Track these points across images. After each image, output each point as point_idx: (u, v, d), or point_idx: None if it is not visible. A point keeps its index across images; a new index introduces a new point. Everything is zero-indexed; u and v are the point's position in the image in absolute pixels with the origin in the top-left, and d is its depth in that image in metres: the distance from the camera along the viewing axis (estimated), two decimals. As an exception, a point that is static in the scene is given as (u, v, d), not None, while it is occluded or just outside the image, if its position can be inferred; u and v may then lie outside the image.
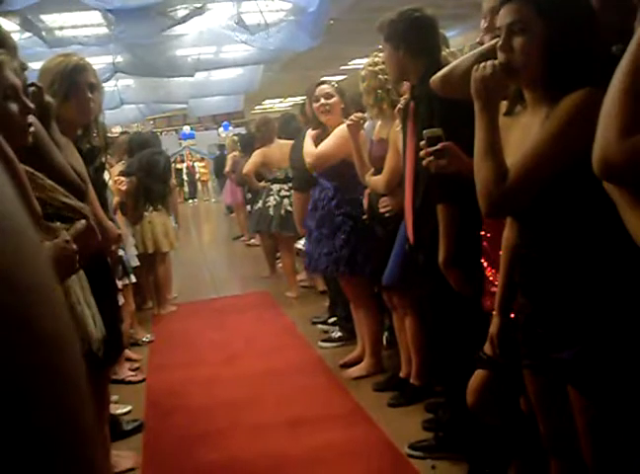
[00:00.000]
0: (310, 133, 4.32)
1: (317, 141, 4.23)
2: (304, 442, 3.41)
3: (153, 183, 5.51)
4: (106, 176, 3.16)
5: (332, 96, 4.16)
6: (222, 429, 3.68)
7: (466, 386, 2.37)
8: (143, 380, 4.59)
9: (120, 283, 4.27)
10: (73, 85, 2.72)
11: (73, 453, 0.39)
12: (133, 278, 4.67)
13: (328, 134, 4.18)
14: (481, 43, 2.44)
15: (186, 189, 22.54)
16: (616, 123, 1.29)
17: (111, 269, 2.79)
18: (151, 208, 5.62)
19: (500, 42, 1.81)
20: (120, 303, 4.22)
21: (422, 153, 2.32)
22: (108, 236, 2.57)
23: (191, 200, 21.88)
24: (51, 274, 0.43)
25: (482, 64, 1.85)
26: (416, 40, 2.87)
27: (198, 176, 22.52)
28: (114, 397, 4.12)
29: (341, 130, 3.98)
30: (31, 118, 1.94)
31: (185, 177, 22.50)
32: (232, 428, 3.69)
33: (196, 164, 22.59)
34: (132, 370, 4.72)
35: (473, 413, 2.39)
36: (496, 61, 1.84)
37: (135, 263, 5.15)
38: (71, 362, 0.41)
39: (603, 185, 1.41)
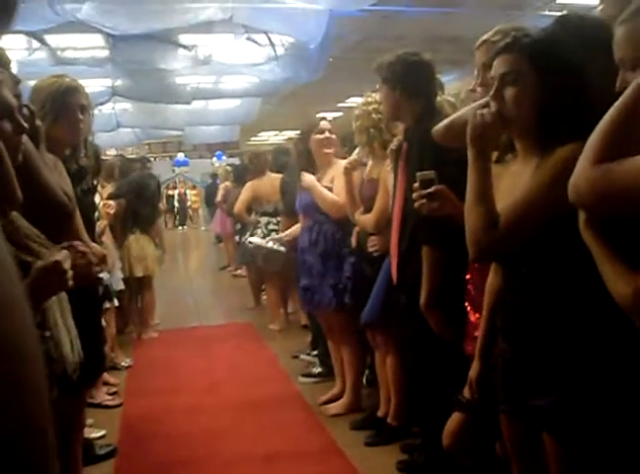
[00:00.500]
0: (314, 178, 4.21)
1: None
2: (278, 477, 3.38)
3: (142, 206, 5.53)
4: (96, 198, 3.18)
5: (333, 131, 4.21)
6: (197, 458, 3.65)
7: (443, 429, 2.37)
8: (120, 405, 4.55)
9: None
10: (64, 106, 2.76)
11: (31, 459, 0.40)
12: (116, 302, 4.65)
13: (322, 174, 4.18)
14: (474, 91, 2.49)
15: (176, 215, 22.56)
16: (592, 151, 1.32)
17: (96, 291, 2.79)
18: (138, 232, 5.62)
19: (492, 92, 1.85)
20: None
21: (414, 195, 2.35)
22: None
23: (180, 228, 21.88)
24: (18, 288, 0.45)
25: (480, 112, 1.89)
26: (413, 83, 2.92)
27: (189, 203, 22.56)
28: (89, 421, 4.07)
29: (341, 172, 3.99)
30: (23, 138, 1.96)
31: (176, 203, 22.54)
32: (207, 458, 3.65)
33: (188, 191, 22.64)
34: (110, 394, 4.69)
35: (449, 455, 2.39)
36: (491, 110, 1.88)
37: (120, 286, 5.14)
38: (34, 374, 0.43)
39: (582, 236, 1.44)
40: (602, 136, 1.29)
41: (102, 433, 3.98)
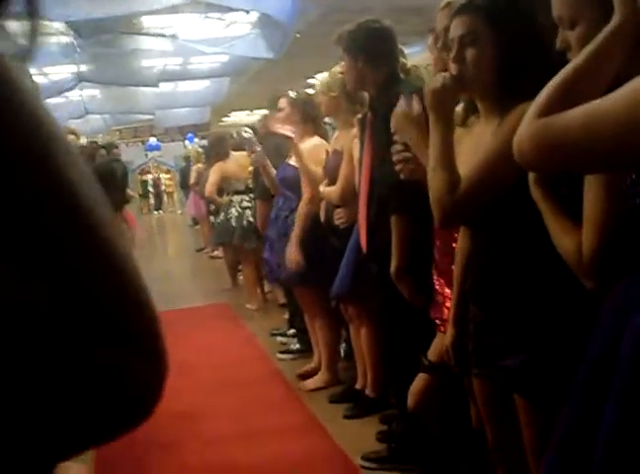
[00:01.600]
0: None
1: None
2: (257, 454, 3.38)
3: (111, 192, 5.46)
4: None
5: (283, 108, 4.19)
6: (176, 439, 3.64)
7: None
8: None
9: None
10: None
11: None
12: None
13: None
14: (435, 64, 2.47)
15: (151, 200, 22.38)
16: (537, 105, 1.24)
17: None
18: None
19: (452, 54, 1.83)
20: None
21: (396, 158, 2.31)
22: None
23: (156, 212, 21.71)
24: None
25: (436, 76, 1.87)
26: (374, 51, 2.89)
27: (163, 187, 22.39)
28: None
29: (308, 150, 3.98)
30: None
31: (150, 188, 22.35)
32: (185, 439, 3.64)
33: (161, 175, 22.45)
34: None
35: (414, 416, 2.39)
36: (446, 74, 1.87)
37: None
38: None
39: (531, 194, 1.43)
40: (550, 91, 1.24)
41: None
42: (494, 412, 2.07)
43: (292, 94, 4.25)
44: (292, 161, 4.13)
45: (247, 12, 8.79)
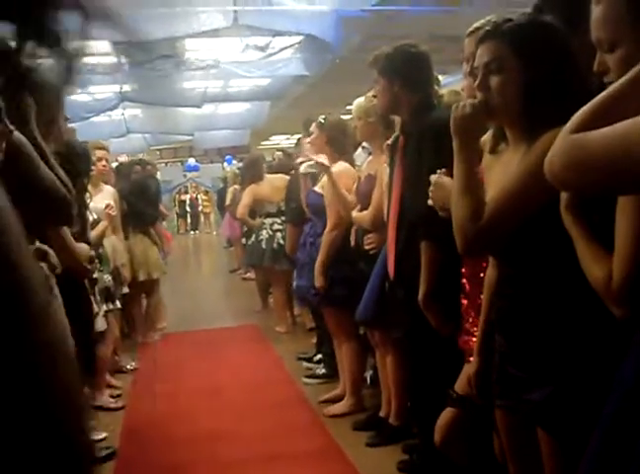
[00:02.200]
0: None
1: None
2: (278, 479, 3.35)
3: (143, 207, 5.52)
4: (87, 198, 3.17)
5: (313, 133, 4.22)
6: (197, 461, 3.63)
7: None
8: (122, 408, 4.54)
9: (104, 308, 4.25)
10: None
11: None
12: (118, 304, 4.63)
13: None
14: (463, 90, 2.45)
15: (189, 220, 22.63)
16: (571, 123, 1.23)
17: (85, 291, 2.77)
18: (139, 233, 5.63)
19: (477, 82, 1.82)
20: (103, 328, 4.20)
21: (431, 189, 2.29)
22: (79, 259, 2.55)
23: (192, 232, 21.93)
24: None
25: (461, 103, 1.85)
26: (411, 75, 2.86)
27: (200, 208, 22.62)
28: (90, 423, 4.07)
29: (337, 174, 4.00)
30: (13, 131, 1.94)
31: (188, 208, 22.60)
32: (208, 461, 3.63)
33: (199, 196, 22.69)
34: (113, 397, 4.67)
35: (440, 450, 2.35)
36: (474, 100, 1.85)
37: (125, 289, 5.12)
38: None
39: (563, 219, 1.40)
40: (586, 110, 1.21)
41: (103, 435, 3.96)
42: (516, 444, 2.02)
43: (321, 118, 4.26)
44: (318, 188, 4.14)
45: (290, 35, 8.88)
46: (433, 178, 2.28)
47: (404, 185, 2.90)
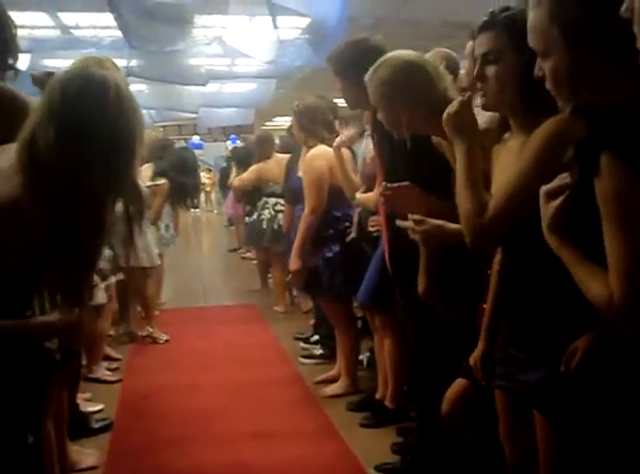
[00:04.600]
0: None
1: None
2: (271, 455, 3.38)
3: (187, 178, 5.44)
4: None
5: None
6: (192, 435, 3.65)
7: (439, 410, 2.34)
8: (119, 381, 4.56)
9: (105, 283, 4.24)
10: None
11: None
12: (121, 276, 4.60)
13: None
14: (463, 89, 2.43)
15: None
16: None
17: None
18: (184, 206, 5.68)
19: (475, 72, 1.84)
20: (103, 301, 4.22)
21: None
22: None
23: (193, 210, 21.89)
24: None
25: (450, 105, 1.88)
26: (359, 71, 2.66)
27: (202, 186, 22.54)
28: (87, 395, 4.10)
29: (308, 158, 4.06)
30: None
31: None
32: (202, 435, 3.65)
33: (202, 174, 22.60)
34: (110, 370, 4.69)
35: (445, 422, 2.36)
36: (461, 98, 1.90)
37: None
38: None
39: (548, 242, 1.42)
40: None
41: (99, 407, 3.98)
42: (512, 425, 2.04)
43: (295, 104, 4.29)
44: (300, 173, 4.21)
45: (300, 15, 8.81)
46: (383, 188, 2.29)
47: (386, 177, 2.89)
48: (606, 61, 1.36)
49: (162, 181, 5.12)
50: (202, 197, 22.19)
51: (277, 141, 7.40)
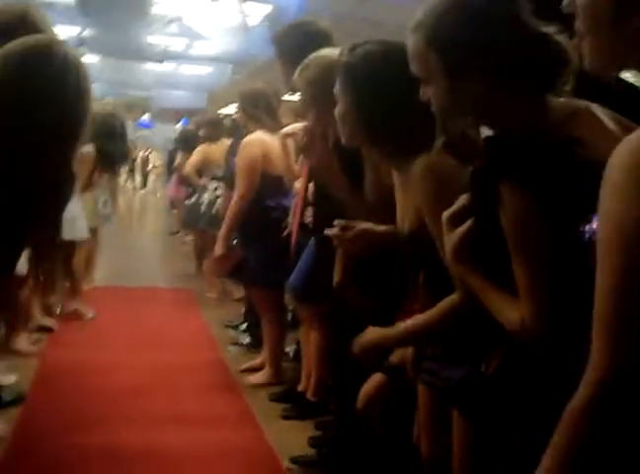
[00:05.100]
0: None
1: None
2: (188, 438, 3.30)
3: (114, 146, 5.27)
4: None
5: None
6: (106, 414, 3.56)
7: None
8: (39, 354, 4.43)
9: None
10: None
11: None
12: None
13: None
14: None
15: (137, 178, 22.26)
16: None
17: None
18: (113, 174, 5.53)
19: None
20: (24, 272, 4.07)
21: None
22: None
23: (141, 190, 21.60)
24: None
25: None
26: (304, 55, 2.58)
27: (150, 167, 22.23)
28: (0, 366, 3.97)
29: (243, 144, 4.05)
30: None
31: (138, 166, 22.21)
32: (116, 415, 3.56)
33: (152, 155, 22.28)
34: (32, 343, 4.55)
35: (360, 417, 2.34)
36: None
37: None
38: None
39: (451, 270, 1.40)
40: None
41: (13, 379, 3.85)
42: (431, 423, 2.03)
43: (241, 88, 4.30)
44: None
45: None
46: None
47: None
48: (490, 86, 1.33)
49: (88, 149, 4.85)
50: (150, 177, 21.94)
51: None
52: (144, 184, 21.84)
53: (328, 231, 2.22)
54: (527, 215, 1.23)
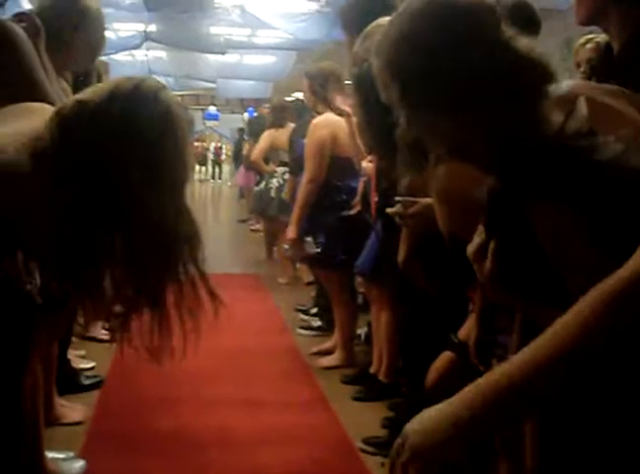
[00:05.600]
0: None
1: None
2: (259, 422, 3.33)
3: None
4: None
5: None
6: (180, 397, 3.61)
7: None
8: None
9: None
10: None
11: None
12: None
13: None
14: None
15: (209, 168, 22.64)
16: None
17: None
18: None
19: None
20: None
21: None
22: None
23: (212, 180, 21.96)
24: None
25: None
26: (369, 22, 2.57)
27: (223, 157, 22.60)
28: (81, 352, 4.08)
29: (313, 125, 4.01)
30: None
31: (211, 156, 22.61)
32: (190, 398, 3.62)
33: (224, 146, 22.60)
34: (106, 329, 4.65)
35: (430, 395, 2.30)
36: None
37: None
38: None
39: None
40: None
41: (91, 364, 3.96)
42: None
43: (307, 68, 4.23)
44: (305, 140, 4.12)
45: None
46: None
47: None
48: (459, 119, 1.15)
49: None
50: (218, 168, 22.28)
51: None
52: (219, 174, 22.17)
53: (390, 210, 2.18)
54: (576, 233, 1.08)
